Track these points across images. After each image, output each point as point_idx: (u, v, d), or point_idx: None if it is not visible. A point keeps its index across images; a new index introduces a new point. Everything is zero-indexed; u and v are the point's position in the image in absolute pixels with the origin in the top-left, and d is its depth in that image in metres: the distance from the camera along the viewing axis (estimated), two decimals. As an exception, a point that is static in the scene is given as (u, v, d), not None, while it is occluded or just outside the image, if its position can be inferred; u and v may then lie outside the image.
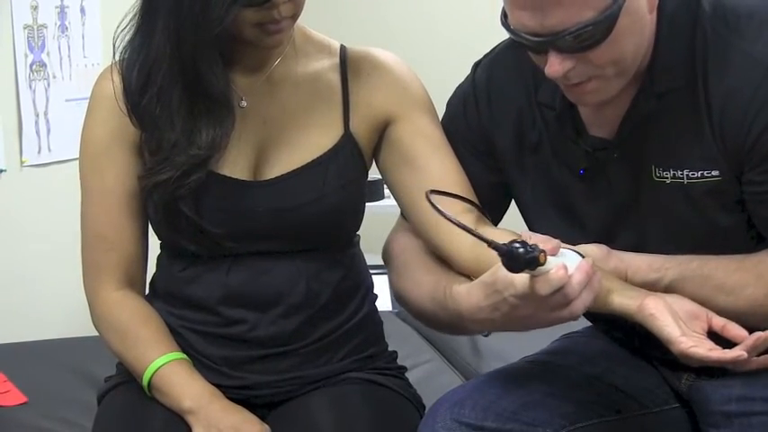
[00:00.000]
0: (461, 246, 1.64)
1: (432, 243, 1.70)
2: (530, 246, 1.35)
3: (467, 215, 1.65)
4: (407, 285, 1.74)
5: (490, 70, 1.74)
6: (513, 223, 1.73)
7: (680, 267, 1.57)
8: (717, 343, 1.48)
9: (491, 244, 1.35)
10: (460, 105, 1.76)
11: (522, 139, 1.70)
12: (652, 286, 1.57)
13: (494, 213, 1.76)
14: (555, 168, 1.67)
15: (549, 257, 1.39)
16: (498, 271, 1.45)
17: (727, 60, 1.52)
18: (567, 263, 1.42)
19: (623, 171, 1.61)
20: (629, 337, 1.73)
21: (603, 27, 1.45)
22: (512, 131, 1.70)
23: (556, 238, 1.63)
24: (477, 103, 1.73)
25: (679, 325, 1.47)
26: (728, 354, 1.43)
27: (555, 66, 1.49)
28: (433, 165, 1.69)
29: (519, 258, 1.35)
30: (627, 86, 1.56)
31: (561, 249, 1.45)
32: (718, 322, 1.50)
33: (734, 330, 1.49)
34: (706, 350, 1.44)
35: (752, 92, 1.49)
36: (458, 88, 1.78)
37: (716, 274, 1.56)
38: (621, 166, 1.61)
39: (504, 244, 1.35)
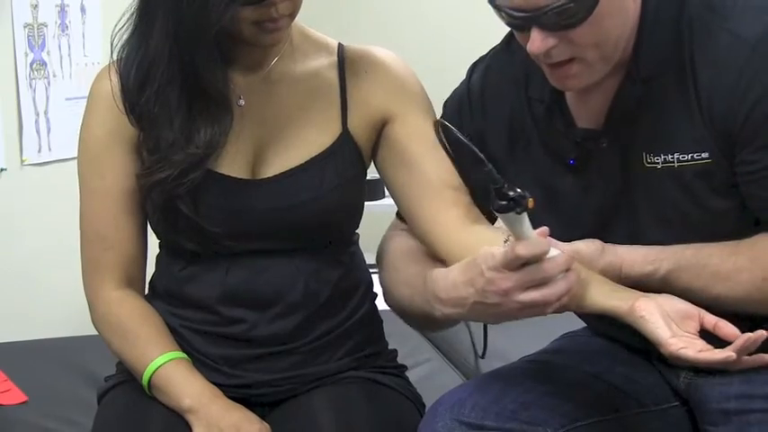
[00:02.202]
0: (456, 245, 1.65)
1: (427, 242, 1.71)
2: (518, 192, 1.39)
3: (471, 209, 1.68)
4: (391, 275, 1.74)
5: (484, 73, 1.76)
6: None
7: (674, 257, 1.57)
8: (710, 341, 1.47)
9: (488, 171, 1.39)
10: (455, 108, 1.78)
11: (515, 138, 1.71)
12: (648, 278, 1.57)
13: (489, 214, 1.77)
14: (546, 163, 1.68)
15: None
16: (480, 249, 1.46)
17: (713, 42, 1.53)
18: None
19: (613, 159, 1.61)
20: (626, 333, 1.74)
21: (586, 5, 1.47)
22: (505, 131, 1.71)
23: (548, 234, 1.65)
24: (471, 106, 1.75)
25: (670, 326, 1.47)
26: (717, 355, 1.43)
27: (537, 42, 1.50)
28: (429, 165, 1.69)
29: (506, 194, 1.37)
30: (612, 75, 1.58)
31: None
32: (710, 320, 1.49)
33: (725, 329, 1.47)
34: (695, 352, 1.43)
35: (738, 70, 1.50)
36: (454, 92, 1.80)
37: (711, 261, 1.55)
38: (611, 155, 1.61)
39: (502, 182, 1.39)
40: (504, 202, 1.37)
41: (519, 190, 1.37)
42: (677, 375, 1.71)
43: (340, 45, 1.77)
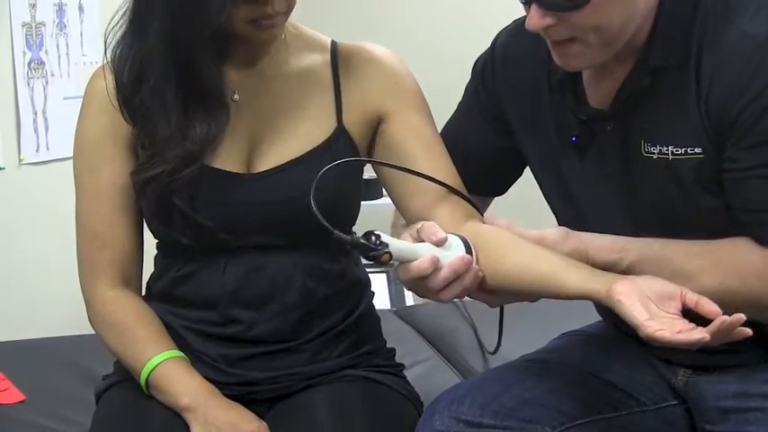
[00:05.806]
0: None
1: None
2: (379, 242, 1.47)
3: (463, 205, 1.68)
4: None
5: (510, 39, 1.77)
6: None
7: (641, 250, 1.57)
8: (693, 319, 1.44)
9: (336, 237, 1.47)
10: (479, 71, 1.80)
11: (533, 107, 1.72)
12: (611, 267, 1.56)
13: (502, 180, 1.81)
14: (553, 141, 1.68)
15: (430, 247, 1.52)
16: None
17: (721, 37, 1.53)
18: (444, 255, 1.53)
19: (615, 143, 1.62)
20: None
21: None
22: (524, 99, 1.73)
23: (552, 209, 1.69)
24: (494, 70, 1.77)
25: (648, 308, 1.43)
26: (693, 336, 1.39)
27: (534, 19, 1.52)
28: (421, 163, 1.69)
29: (364, 253, 1.47)
30: (625, 61, 1.58)
31: (450, 241, 1.54)
32: (692, 298, 1.45)
33: (706, 306, 1.44)
34: (672, 333, 1.39)
35: (740, 66, 1.50)
36: (480, 55, 1.82)
37: (675, 258, 1.55)
38: (613, 139, 1.62)
39: (355, 237, 1.48)
40: (367, 258, 1.47)
41: (378, 243, 1.46)
42: (675, 374, 1.72)
43: (333, 42, 1.77)
